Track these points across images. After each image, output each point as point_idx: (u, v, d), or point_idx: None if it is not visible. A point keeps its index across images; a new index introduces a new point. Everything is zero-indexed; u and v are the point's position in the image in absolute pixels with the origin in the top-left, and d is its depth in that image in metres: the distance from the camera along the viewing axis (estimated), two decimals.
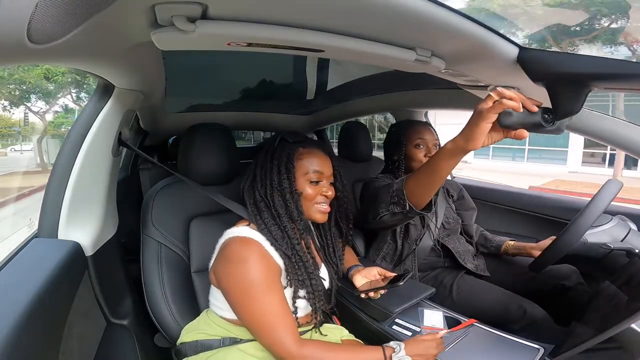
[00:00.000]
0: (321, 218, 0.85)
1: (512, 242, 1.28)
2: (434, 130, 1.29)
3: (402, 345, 0.76)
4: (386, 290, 0.89)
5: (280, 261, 0.77)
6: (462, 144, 0.68)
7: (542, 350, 0.79)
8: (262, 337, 0.72)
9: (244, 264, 0.72)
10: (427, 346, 0.76)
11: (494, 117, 0.62)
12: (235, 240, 0.76)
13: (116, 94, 0.78)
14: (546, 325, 0.98)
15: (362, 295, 0.90)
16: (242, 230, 0.78)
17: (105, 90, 0.78)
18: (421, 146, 1.23)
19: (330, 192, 0.85)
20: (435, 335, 0.80)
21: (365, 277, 0.95)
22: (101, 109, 0.78)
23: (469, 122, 0.67)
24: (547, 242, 1.13)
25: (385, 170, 1.36)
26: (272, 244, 0.76)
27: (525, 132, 0.63)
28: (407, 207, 0.89)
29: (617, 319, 0.67)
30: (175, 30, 0.48)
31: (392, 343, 0.77)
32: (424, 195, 0.86)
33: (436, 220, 1.24)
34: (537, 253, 1.13)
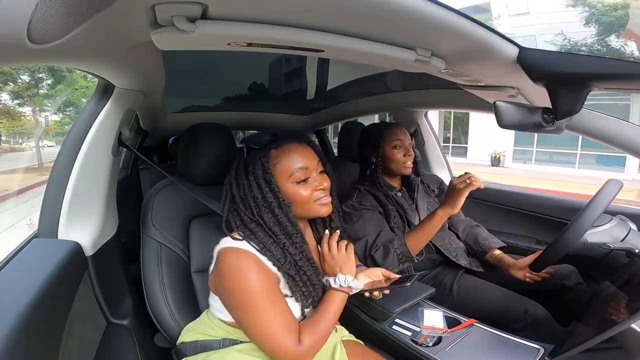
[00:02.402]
0: (327, 210, 0.79)
1: (497, 253, 1.24)
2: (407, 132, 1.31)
3: (339, 276, 0.79)
4: (390, 290, 0.87)
5: (275, 269, 0.73)
6: (449, 210, 1.02)
7: (542, 350, 0.79)
8: (267, 346, 0.70)
9: (241, 277, 0.70)
10: (342, 259, 0.80)
11: (467, 192, 0.98)
12: (230, 252, 0.72)
13: (116, 94, 0.78)
14: (547, 324, 0.98)
15: (367, 294, 0.88)
16: (237, 242, 0.73)
17: (105, 90, 0.78)
18: (399, 147, 1.24)
19: (326, 183, 0.78)
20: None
21: (369, 277, 0.93)
22: (101, 109, 0.78)
23: (449, 197, 1.02)
24: (526, 260, 1.13)
25: (361, 176, 1.34)
26: (274, 264, 0.73)
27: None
28: (415, 260, 1.07)
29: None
30: (175, 30, 0.48)
31: (330, 279, 0.80)
32: (422, 247, 1.09)
33: (419, 217, 1.24)
34: (514, 271, 1.14)
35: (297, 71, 1.78)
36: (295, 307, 0.76)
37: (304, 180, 0.76)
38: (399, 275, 0.90)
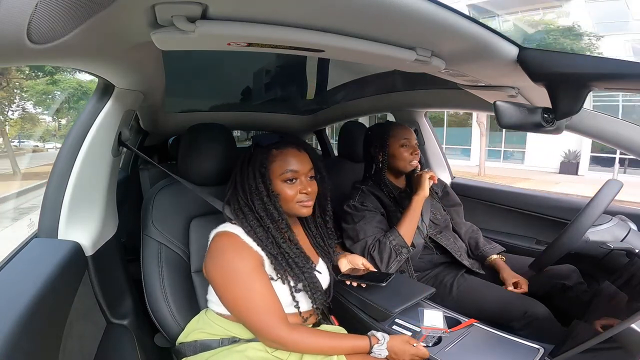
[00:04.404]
0: (306, 212, 0.87)
1: (495, 257, 1.26)
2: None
3: (387, 338, 0.80)
4: (365, 285, 0.95)
5: (259, 249, 0.80)
6: (422, 194, 1.15)
7: (542, 350, 0.79)
8: (251, 322, 0.76)
9: (224, 255, 0.79)
10: (405, 350, 0.79)
11: (427, 177, 1.17)
12: (220, 235, 0.82)
13: (116, 94, 0.78)
14: (547, 324, 0.98)
15: (347, 283, 0.97)
16: (226, 226, 0.83)
17: (105, 90, 0.78)
18: (407, 145, 1.25)
19: (310, 188, 0.86)
20: (419, 347, 0.80)
21: (350, 263, 1.01)
22: (101, 109, 0.78)
23: (416, 185, 1.17)
24: (511, 276, 1.16)
25: (365, 176, 1.34)
26: (259, 245, 0.80)
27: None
28: (410, 250, 1.11)
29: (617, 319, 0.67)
30: (175, 30, 0.48)
31: (378, 334, 0.81)
32: (412, 235, 1.14)
33: (422, 218, 1.25)
34: (505, 279, 1.16)
35: (297, 71, 1.78)
36: (283, 291, 0.81)
37: (291, 180, 0.84)
38: (375, 270, 0.99)
